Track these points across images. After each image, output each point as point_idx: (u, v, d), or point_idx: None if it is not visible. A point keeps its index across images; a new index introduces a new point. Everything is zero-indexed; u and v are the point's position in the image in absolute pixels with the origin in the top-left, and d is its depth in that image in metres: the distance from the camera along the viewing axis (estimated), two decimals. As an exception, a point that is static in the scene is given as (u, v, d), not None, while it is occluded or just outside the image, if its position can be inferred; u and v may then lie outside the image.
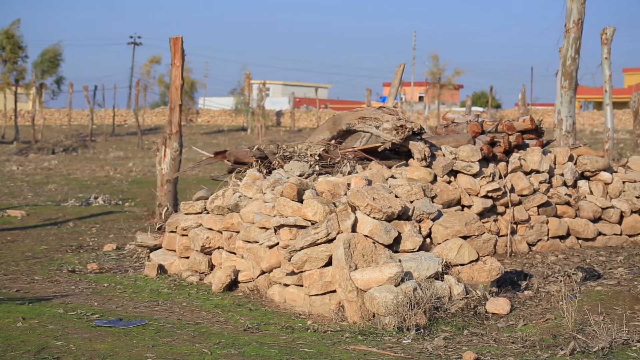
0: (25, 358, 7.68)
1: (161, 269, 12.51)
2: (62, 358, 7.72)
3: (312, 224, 10.20)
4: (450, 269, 10.19)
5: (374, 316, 9.28)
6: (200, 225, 12.38)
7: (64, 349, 8.01)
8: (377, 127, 12.55)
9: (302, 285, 10.17)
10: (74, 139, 49.92)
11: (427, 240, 10.60)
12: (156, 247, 13.51)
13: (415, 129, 12.40)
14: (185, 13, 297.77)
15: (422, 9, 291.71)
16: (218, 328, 9.22)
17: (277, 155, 12.77)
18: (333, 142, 13.19)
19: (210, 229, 12.16)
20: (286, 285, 10.47)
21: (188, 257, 12.42)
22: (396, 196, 10.70)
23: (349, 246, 9.66)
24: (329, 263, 9.89)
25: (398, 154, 12.89)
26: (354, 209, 10.21)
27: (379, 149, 12.74)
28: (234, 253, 11.60)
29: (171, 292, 11.35)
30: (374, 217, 10.07)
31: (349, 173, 12.03)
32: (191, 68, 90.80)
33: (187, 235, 12.54)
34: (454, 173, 12.86)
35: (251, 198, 11.65)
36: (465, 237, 10.85)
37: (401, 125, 12.31)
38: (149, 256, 13.23)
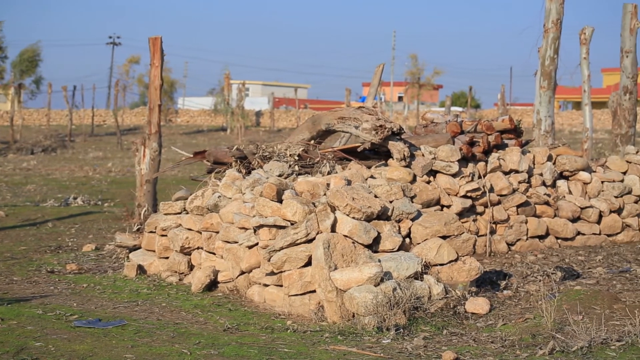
0: (4, 359, 7.64)
1: (140, 269, 12.47)
2: (41, 359, 7.70)
3: (292, 224, 10.19)
4: (429, 268, 10.20)
5: (353, 316, 9.28)
6: (180, 225, 12.35)
7: (43, 350, 7.98)
8: (357, 127, 12.55)
9: (281, 286, 10.16)
10: (53, 139, 49.82)
11: (407, 240, 10.60)
12: (135, 248, 13.48)
13: (395, 129, 12.40)
14: (165, 13, 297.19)
15: (401, 9, 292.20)
16: (197, 328, 9.20)
17: (257, 155, 12.76)
18: (312, 142, 13.20)
19: (190, 229, 12.14)
20: (266, 285, 10.46)
21: (167, 258, 12.39)
22: (375, 196, 10.70)
23: (329, 246, 9.65)
24: (308, 263, 9.89)
25: (377, 154, 12.91)
26: (333, 209, 10.20)
27: (359, 149, 12.75)
28: (214, 253, 11.58)
29: (150, 292, 11.32)
30: (353, 217, 10.07)
31: (329, 173, 12.03)
32: (170, 68, 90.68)
33: (166, 235, 12.50)
34: (433, 173, 12.89)
35: (230, 198, 11.63)
36: (444, 237, 10.85)
37: (380, 125, 12.32)
38: (128, 256, 13.19)
